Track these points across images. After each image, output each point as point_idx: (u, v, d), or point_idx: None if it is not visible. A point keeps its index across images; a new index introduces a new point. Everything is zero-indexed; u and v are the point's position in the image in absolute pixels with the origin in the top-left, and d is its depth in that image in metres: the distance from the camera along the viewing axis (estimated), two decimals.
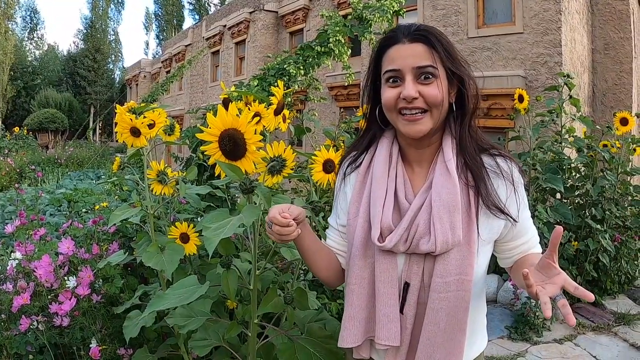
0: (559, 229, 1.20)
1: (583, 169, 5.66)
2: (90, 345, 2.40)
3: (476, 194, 1.41)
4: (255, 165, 1.59)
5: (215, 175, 1.61)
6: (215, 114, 1.50)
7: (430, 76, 1.41)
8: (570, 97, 5.47)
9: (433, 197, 1.40)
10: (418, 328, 1.42)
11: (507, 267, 1.59)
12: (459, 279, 1.37)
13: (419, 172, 1.52)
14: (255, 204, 1.67)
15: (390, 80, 1.45)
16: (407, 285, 1.43)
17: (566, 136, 5.63)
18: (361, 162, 1.60)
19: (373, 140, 1.61)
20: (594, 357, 4.38)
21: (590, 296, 1.17)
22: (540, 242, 1.58)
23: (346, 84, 8.71)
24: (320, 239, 1.69)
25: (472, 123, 1.49)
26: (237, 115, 1.50)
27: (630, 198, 5.82)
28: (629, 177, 5.82)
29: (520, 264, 1.50)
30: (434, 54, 1.42)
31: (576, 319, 5.06)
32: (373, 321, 1.46)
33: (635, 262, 5.98)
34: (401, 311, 1.43)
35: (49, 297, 2.47)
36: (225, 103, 2.04)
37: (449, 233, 1.36)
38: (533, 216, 3.64)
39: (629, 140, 5.60)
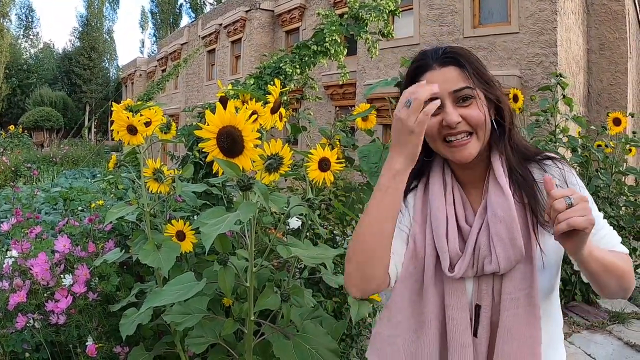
0: (546, 177, 1.20)
1: (578, 168, 5.68)
2: (87, 343, 2.40)
3: (534, 205, 1.38)
4: (252, 162, 1.60)
5: (212, 173, 1.62)
6: (213, 112, 1.51)
7: (469, 98, 1.38)
8: (564, 96, 5.49)
9: (489, 217, 1.38)
10: (492, 350, 1.38)
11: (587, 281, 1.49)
12: (527, 293, 1.34)
13: (474, 192, 1.49)
14: (252, 201, 1.68)
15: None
16: (478, 308, 1.39)
17: (560, 136, 5.64)
18: (416, 185, 1.55)
19: (420, 174, 1.55)
20: (589, 355, 4.39)
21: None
22: None
23: (341, 83, 8.70)
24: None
25: (512, 135, 1.46)
26: (234, 112, 1.50)
27: (624, 198, 5.84)
28: (623, 177, 5.84)
29: None
30: (468, 74, 1.39)
31: (571, 317, 5.10)
32: (445, 348, 1.41)
33: None
34: (475, 334, 1.39)
35: (45, 295, 2.47)
36: (223, 101, 2.04)
37: (510, 249, 1.33)
38: None
39: (623, 140, 5.62)
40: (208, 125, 1.51)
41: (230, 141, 1.51)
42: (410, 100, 1.29)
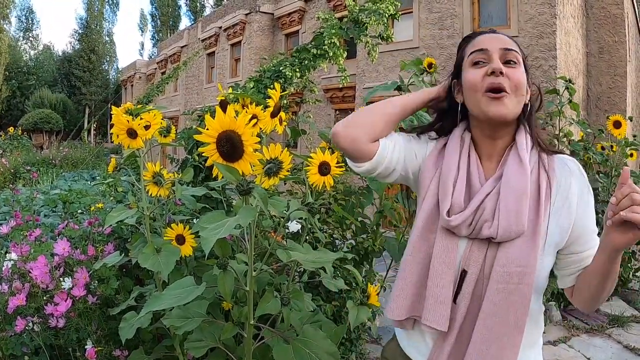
0: (626, 169, 1.19)
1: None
2: (86, 347, 2.40)
3: (548, 187, 1.39)
4: (252, 166, 1.60)
5: (211, 176, 1.62)
6: (212, 116, 1.51)
7: (514, 62, 1.43)
8: (570, 101, 5.49)
9: (502, 184, 1.39)
10: (469, 322, 1.36)
11: (567, 286, 1.51)
12: (522, 270, 1.31)
13: (488, 165, 1.49)
14: (252, 205, 1.68)
15: (476, 62, 1.46)
16: (464, 274, 1.38)
17: (564, 139, 5.65)
18: (436, 139, 1.60)
19: (442, 131, 1.61)
20: (588, 359, 4.39)
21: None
22: None
23: (341, 85, 8.72)
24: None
25: (535, 119, 1.50)
26: (234, 117, 1.50)
27: None
28: None
29: (584, 274, 1.44)
30: (515, 45, 1.47)
31: (570, 321, 5.10)
32: (422, 300, 1.41)
33: (629, 265, 6.00)
34: (454, 300, 1.38)
35: (45, 298, 2.47)
36: (223, 105, 2.04)
37: (512, 220, 1.33)
38: None
39: (623, 143, 5.63)
40: (208, 129, 1.51)
41: (230, 145, 1.51)
42: None
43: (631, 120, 6.05)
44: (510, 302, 1.31)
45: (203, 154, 1.56)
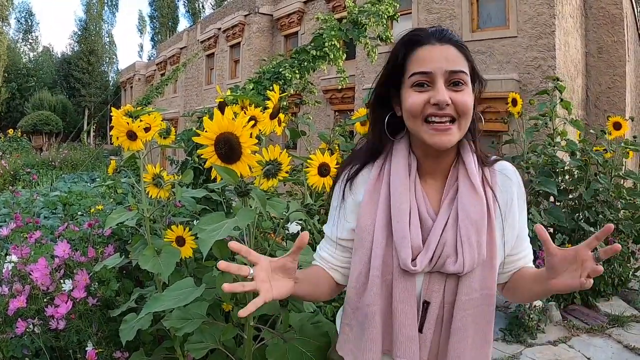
0: (609, 226, 1.18)
1: (577, 172, 5.69)
2: (87, 349, 2.41)
3: (497, 206, 1.38)
4: (250, 168, 1.61)
5: (211, 178, 1.62)
6: (211, 118, 1.51)
7: (461, 83, 1.33)
8: (562, 100, 5.50)
9: (460, 216, 1.33)
10: (436, 345, 1.37)
11: (501, 282, 1.49)
12: (484, 294, 1.34)
13: (432, 184, 1.43)
14: (251, 207, 1.69)
15: (418, 84, 1.34)
16: (426, 304, 1.36)
17: (558, 139, 5.65)
18: (364, 166, 1.51)
19: (377, 151, 1.50)
20: (588, 358, 4.40)
21: (616, 247, 1.16)
22: (532, 245, 1.56)
23: (340, 87, 8.73)
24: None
25: (479, 137, 1.46)
26: (232, 119, 1.51)
27: (623, 201, 5.85)
28: (622, 181, 5.85)
29: (517, 279, 1.46)
30: (466, 60, 1.36)
31: (570, 320, 5.10)
32: (390, 339, 1.39)
33: (629, 265, 6.01)
34: (420, 330, 1.36)
35: (45, 300, 2.47)
36: (222, 107, 2.05)
37: (475, 252, 1.31)
38: (527, 219, 3.69)
39: (622, 144, 5.63)
40: (206, 131, 1.52)
41: (228, 147, 1.52)
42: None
43: (632, 121, 6.06)
44: (477, 323, 1.34)
45: (202, 156, 1.57)
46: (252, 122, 1.57)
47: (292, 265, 1.30)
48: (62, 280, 2.48)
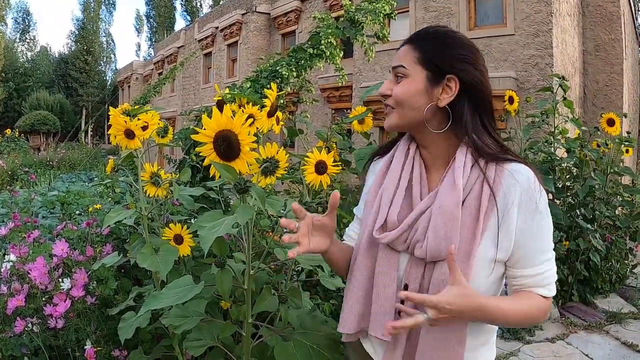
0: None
1: (574, 169, 5.70)
2: (85, 347, 2.41)
3: (493, 205, 1.34)
4: (249, 166, 1.61)
5: (209, 176, 1.63)
6: (209, 116, 1.52)
7: (401, 76, 1.44)
8: (565, 98, 5.51)
9: (434, 206, 1.36)
10: (414, 333, 1.36)
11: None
12: None
13: (435, 174, 1.47)
14: (249, 204, 1.69)
15: None
16: (406, 287, 1.38)
17: (559, 137, 5.66)
18: (382, 156, 1.63)
19: (392, 146, 1.62)
20: (586, 355, 4.41)
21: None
22: None
23: (339, 85, 8.73)
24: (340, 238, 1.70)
25: (483, 126, 1.42)
26: (231, 116, 1.51)
27: (620, 198, 5.86)
28: (620, 178, 5.86)
29: (512, 294, 1.43)
30: (413, 53, 1.43)
31: (568, 318, 5.12)
32: (369, 313, 1.44)
33: (626, 262, 6.03)
34: (399, 313, 1.34)
35: (44, 299, 2.47)
36: (220, 105, 2.05)
37: (442, 244, 1.31)
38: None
39: (618, 140, 5.64)
40: (205, 129, 1.52)
41: (227, 145, 1.53)
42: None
43: (626, 117, 6.07)
44: (448, 320, 1.26)
45: (200, 154, 1.57)
46: (251, 120, 1.58)
47: (330, 224, 1.48)
48: (60, 279, 2.48)
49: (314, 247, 1.44)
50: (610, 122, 5.38)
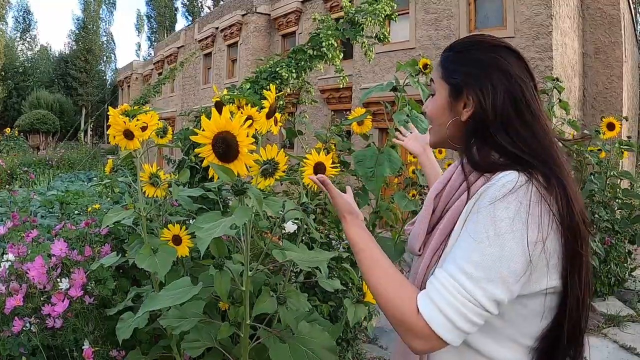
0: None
1: (573, 172, 5.69)
2: (83, 347, 2.41)
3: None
4: (247, 167, 1.61)
5: (208, 177, 1.63)
6: (208, 117, 1.52)
7: (433, 94, 1.45)
8: (560, 100, 5.51)
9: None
10: None
11: None
12: (417, 280, 1.34)
13: None
14: (247, 205, 1.69)
15: None
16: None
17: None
18: None
19: None
20: (585, 358, 4.40)
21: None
22: None
23: (340, 86, 8.73)
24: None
25: (484, 142, 1.29)
26: (229, 118, 1.51)
27: (619, 201, 5.86)
28: (618, 181, 5.86)
29: None
30: (438, 68, 1.44)
31: None
32: None
33: (625, 265, 6.03)
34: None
35: (42, 299, 2.47)
36: (218, 106, 2.05)
37: (414, 240, 1.41)
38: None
39: (617, 144, 5.65)
40: (204, 130, 1.53)
41: (225, 146, 1.53)
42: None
43: (626, 120, 6.07)
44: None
45: (199, 155, 1.57)
46: (250, 122, 1.58)
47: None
48: (58, 279, 2.48)
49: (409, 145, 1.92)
50: (611, 127, 5.38)
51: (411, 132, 2.02)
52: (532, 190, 1.14)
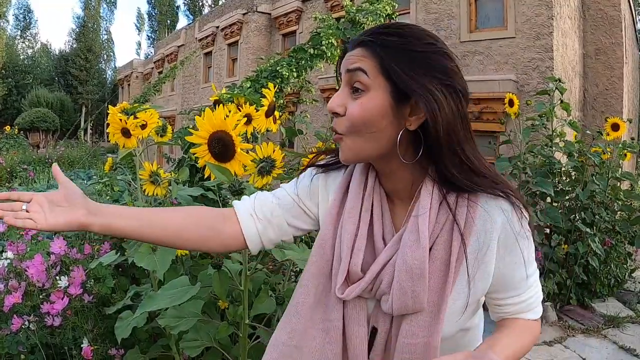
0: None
1: (574, 173, 5.69)
2: (82, 345, 2.41)
3: (462, 251, 1.14)
4: (244, 167, 1.61)
5: (209, 176, 1.62)
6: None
7: (360, 88, 1.12)
8: (562, 101, 5.51)
9: (398, 259, 1.15)
10: None
11: (496, 321, 1.34)
12: (426, 342, 1.16)
13: (399, 204, 1.25)
14: None
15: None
16: (375, 331, 1.23)
17: (557, 140, 5.66)
18: (341, 176, 1.34)
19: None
20: (584, 359, 4.40)
21: None
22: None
23: (337, 87, 8.75)
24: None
25: (455, 157, 1.12)
26: (224, 117, 1.51)
27: (620, 203, 5.86)
28: (619, 182, 5.86)
29: (499, 325, 1.30)
30: (370, 57, 1.12)
31: (566, 321, 5.11)
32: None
33: (625, 266, 6.02)
34: (368, 356, 1.23)
35: (41, 297, 2.47)
36: (216, 105, 2.05)
37: (409, 300, 1.14)
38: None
39: (620, 145, 5.64)
40: (199, 130, 1.52)
41: (222, 146, 1.52)
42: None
43: (630, 123, 6.06)
44: None
45: (195, 155, 1.56)
46: (245, 120, 1.58)
47: (66, 193, 1.21)
48: (58, 277, 2.47)
49: (53, 222, 1.14)
50: (615, 127, 5.38)
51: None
52: None
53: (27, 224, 1.12)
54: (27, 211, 1.13)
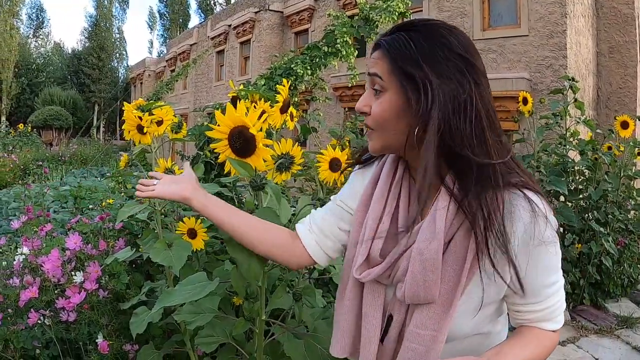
0: None
1: (587, 172, 5.66)
2: (97, 340, 2.42)
3: (475, 256, 1.15)
4: (264, 162, 1.61)
5: (223, 173, 1.62)
6: (223, 112, 1.51)
7: (378, 89, 1.21)
8: (576, 100, 5.47)
9: (414, 249, 1.18)
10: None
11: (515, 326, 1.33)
12: (434, 335, 1.18)
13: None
14: (264, 202, 1.68)
15: None
16: (390, 318, 1.28)
17: (570, 139, 5.62)
18: (375, 167, 1.40)
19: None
20: (596, 359, 4.38)
21: None
22: None
23: (350, 85, 8.73)
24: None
25: (471, 152, 1.12)
26: (245, 113, 1.51)
27: (633, 202, 5.82)
28: (632, 181, 5.82)
29: (515, 332, 1.29)
30: (383, 60, 1.19)
31: (579, 321, 5.09)
32: (358, 342, 1.34)
33: (638, 266, 5.99)
34: (382, 341, 1.29)
35: (56, 292, 2.48)
36: (234, 101, 2.05)
37: (421, 290, 1.17)
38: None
39: (631, 143, 5.60)
40: (219, 125, 1.52)
41: (243, 141, 1.51)
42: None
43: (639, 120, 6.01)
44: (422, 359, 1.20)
45: (215, 150, 1.56)
46: (265, 115, 1.58)
47: (185, 175, 1.53)
48: (73, 273, 2.49)
49: (165, 192, 1.47)
50: (625, 125, 5.34)
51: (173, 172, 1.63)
52: None
53: (146, 194, 1.47)
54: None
